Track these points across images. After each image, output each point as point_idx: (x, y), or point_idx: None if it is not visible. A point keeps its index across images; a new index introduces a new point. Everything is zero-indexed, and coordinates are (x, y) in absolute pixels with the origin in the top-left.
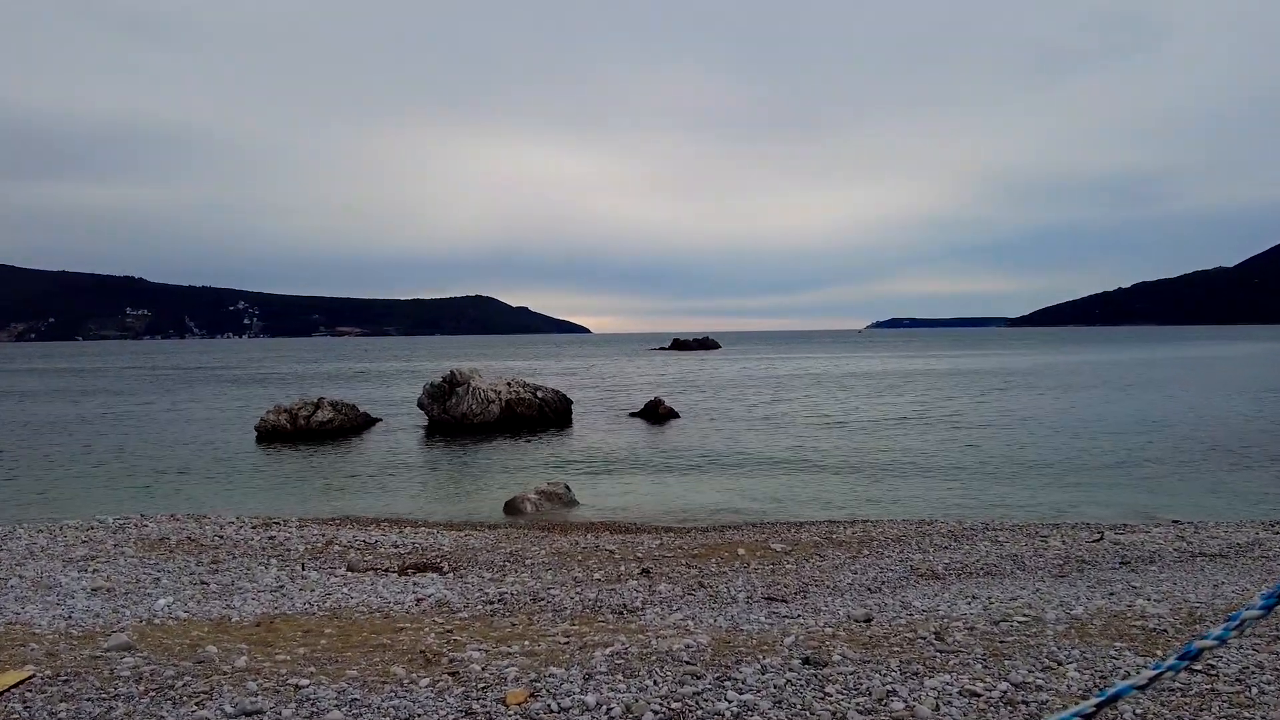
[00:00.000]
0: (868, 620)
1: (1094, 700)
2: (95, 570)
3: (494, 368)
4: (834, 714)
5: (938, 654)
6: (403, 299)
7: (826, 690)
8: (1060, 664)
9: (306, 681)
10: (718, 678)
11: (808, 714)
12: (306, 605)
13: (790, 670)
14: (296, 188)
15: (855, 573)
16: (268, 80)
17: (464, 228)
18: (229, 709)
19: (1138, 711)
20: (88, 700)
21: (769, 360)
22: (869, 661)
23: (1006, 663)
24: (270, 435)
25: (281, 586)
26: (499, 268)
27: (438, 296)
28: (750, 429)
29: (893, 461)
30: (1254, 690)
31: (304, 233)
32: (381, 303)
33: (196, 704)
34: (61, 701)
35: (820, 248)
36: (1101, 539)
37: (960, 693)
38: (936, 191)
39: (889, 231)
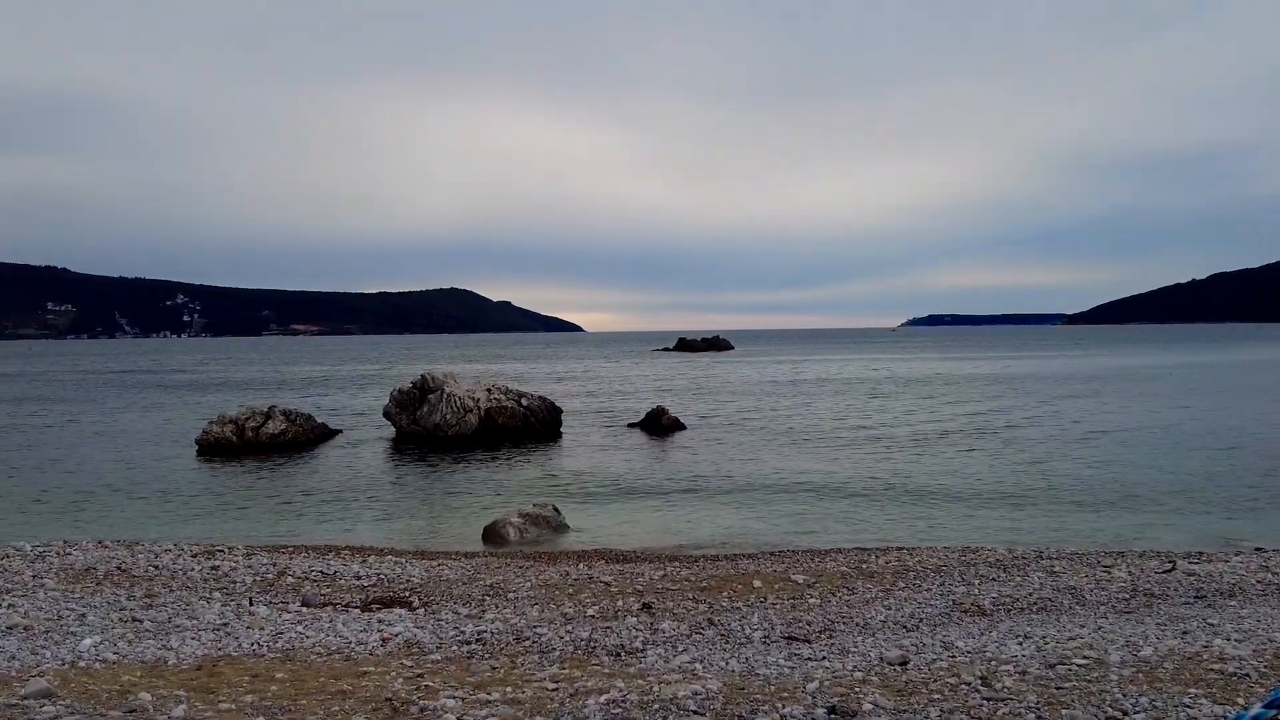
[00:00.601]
0: (903, 663)
1: None
2: (10, 606)
3: (472, 371)
4: None
5: (984, 702)
6: (368, 292)
7: None
8: (1126, 714)
9: None
10: None
11: None
12: (255, 646)
13: None
14: (246, 165)
15: (889, 608)
16: (213, 41)
17: (439, 211)
18: None
19: None
20: None
21: (789, 363)
22: (905, 711)
23: (1064, 712)
24: (213, 449)
25: (226, 624)
26: (478, 257)
27: (408, 290)
28: (768, 442)
29: (933, 480)
30: None
31: (254, 216)
32: (343, 297)
33: None
34: None
35: (848, 234)
36: (1173, 569)
37: None
38: (984, 170)
39: (928, 215)
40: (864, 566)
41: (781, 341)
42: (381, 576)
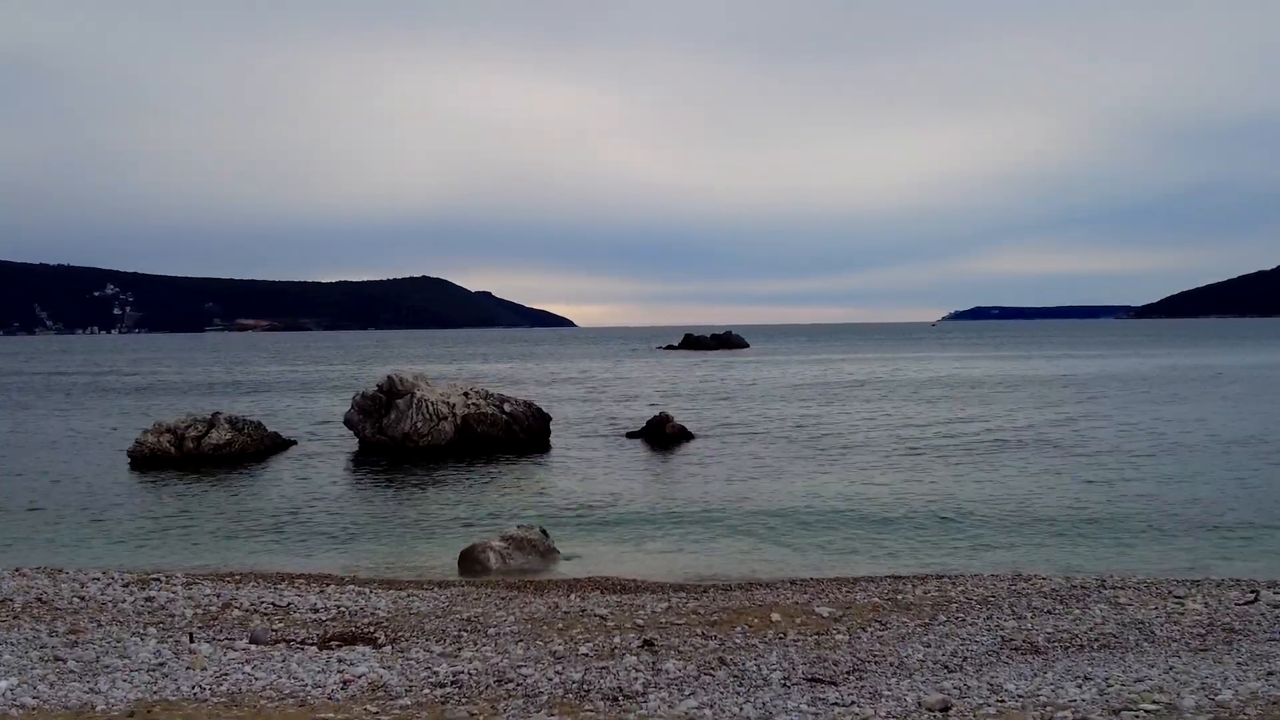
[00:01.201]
0: (945, 709)
1: None
2: None
3: (447, 373)
4: None
5: None
6: (326, 282)
7: None
8: None
9: None
10: None
11: None
12: (196, 689)
13: None
14: (188, 134)
15: (928, 645)
16: None
17: (408, 187)
18: None
19: None
20: None
21: (814, 363)
22: None
23: None
24: (149, 462)
25: (163, 664)
26: (454, 240)
27: (373, 278)
28: (789, 455)
29: (979, 498)
30: None
31: (195, 193)
32: (298, 287)
33: None
34: None
35: (881, 212)
36: (1256, 600)
37: None
38: (1038, 137)
39: (973, 191)
40: (899, 597)
41: (804, 338)
42: (342, 609)
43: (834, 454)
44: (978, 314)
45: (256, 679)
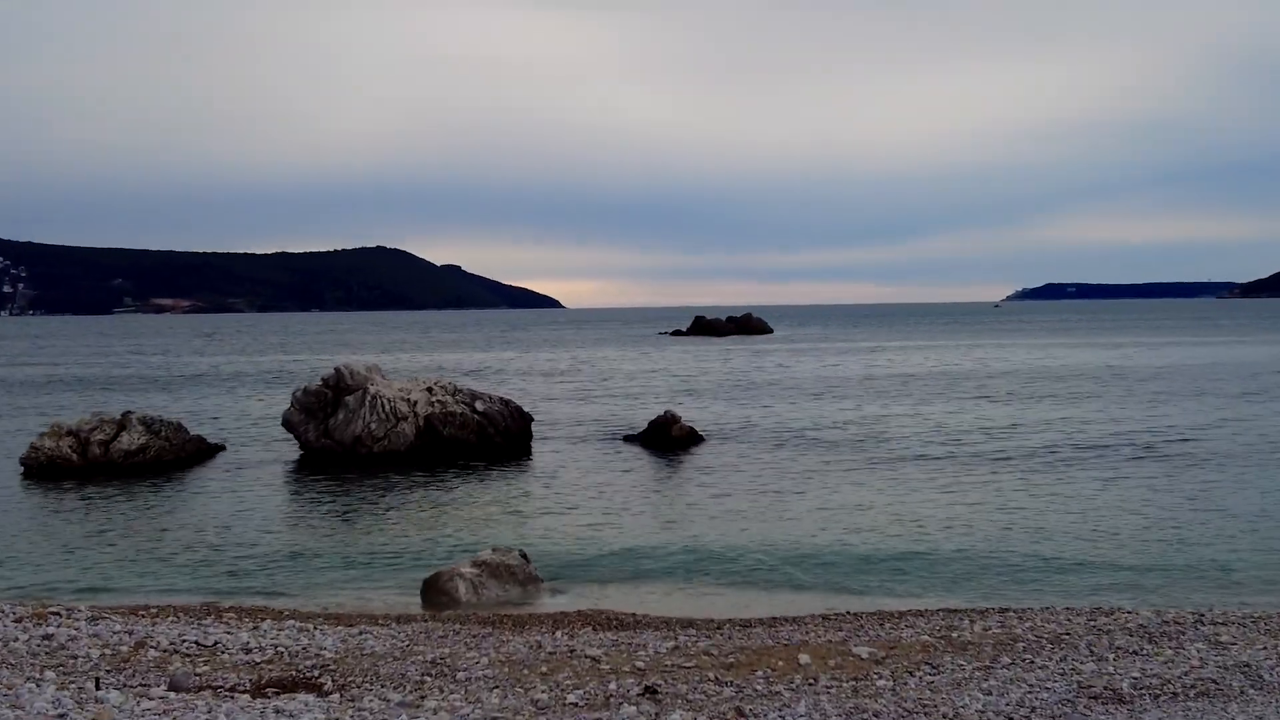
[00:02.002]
0: None
1: None
2: None
3: (407, 364)
4: None
5: None
6: (261, 254)
7: None
8: None
9: None
10: None
11: None
12: None
13: None
14: (88, 74)
15: (988, 693)
16: None
17: (362, 140)
18: None
19: None
20: None
21: (851, 352)
22: None
23: None
24: (46, 471)
25: (63, 716)
26: (416, 204)
27: (318, 249)
28: (822, 463)
29: (1052, 515)
30: None
31: (101, 146)
32: (227, 260)
33: None
34: None
35: (933, 170)
36: None
37: None
38: (1125, 77)
39: (1046, 142)
40: (954, 635)
41: (840, 322)
42: (281, 649)
43: (878, 463)
44: (1050, 292)
45: None
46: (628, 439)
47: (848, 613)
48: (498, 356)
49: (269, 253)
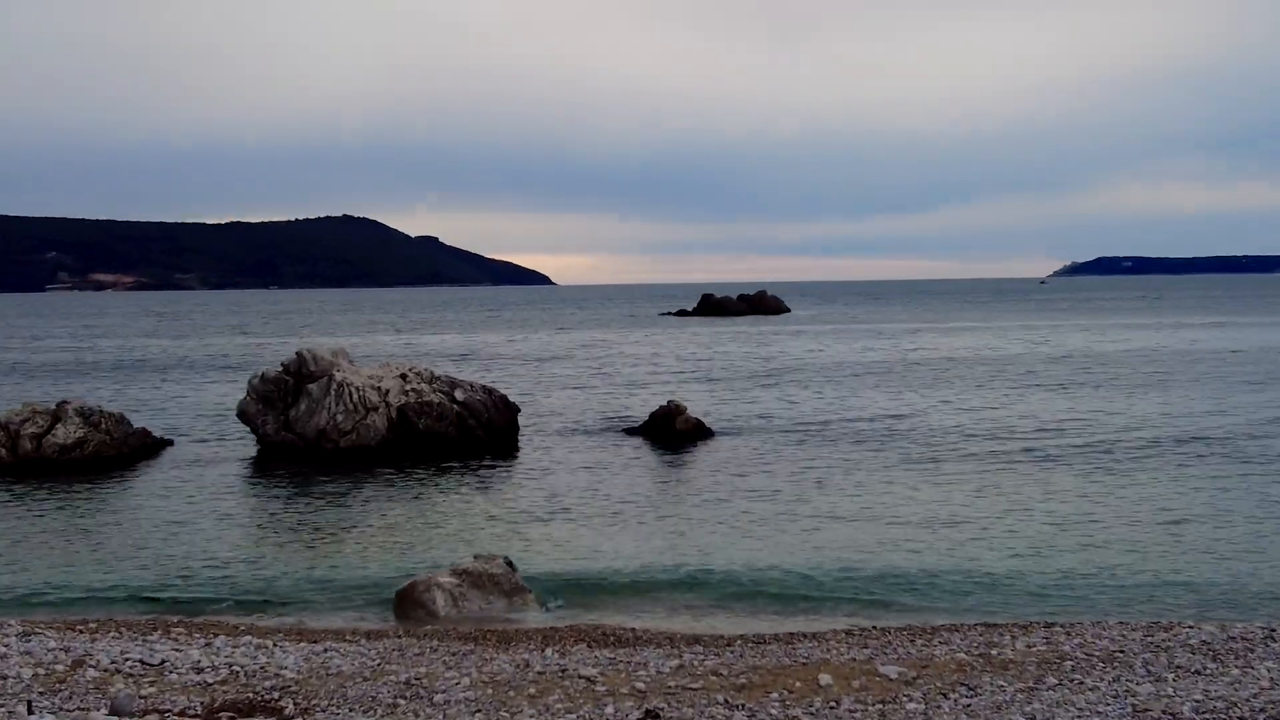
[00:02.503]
0: None
1: None
2: None
3: (377, 348)
4: None
5: None
6: (212, 224)
7: None
8: None
9: None
10: None
11: None
12: None
13: None
14: (11, 22)
15: (1032, 718)
16: None
17: (327, 97)
18: None
19: None
20: None
21: (881, 334)
22: None
23: None
24: None
25: None
26: (387, 168)
27: (276, 219)
28: (846, 460)
29: (1104, 516)
30: None
31: (31, 105)
32: (175, 231)
33: None
34: None
35: (971, 127)
36: None
37: None
38: (1197, 24)
39: (1103, 97)
40: (993, 653)
41: (867, 300)
42: (236, 668)
43: (910, 460)
44: (1103, 266)
45: None
46: (627, 432)
47: (874, 628)
48: (480, 339)
49: (222, 222)
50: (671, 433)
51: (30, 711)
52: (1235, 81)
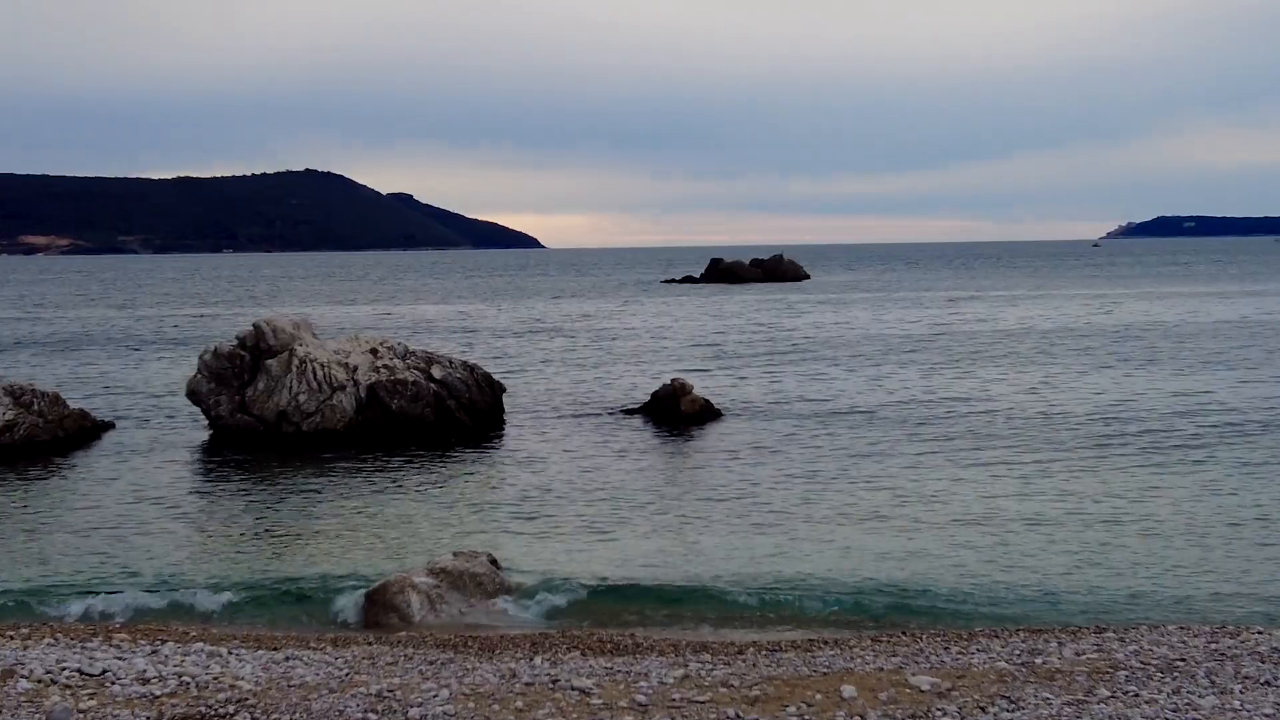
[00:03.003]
0: None
1: None
2: None
3: (345, 320)
4: None
5: None
6: (159, 179)
7: None
8: None
9: None
10: None
11: None
12: None
13: None
14: None
15: None
16: None
17: (287, 38)
18: None
19: None
20: None
21: (915, 303)
22: None
23: None
24: None
25: None
26: (355, 117)
27: (232, 174)
28: (873, 446)
29: (1167, 509)
30: None
31: None
32: (116, 187)
33: None
34: None
35: (1014, 72)
36: None
37: None
38: None
39: (1163, 32)
40: (1038, 661)
41: (899, 264)
42: (186, 678)
43: (946, 446)
44: (1163, 227)
45: None
46: (626, 414)
47: (903, 633)
48: (461, 310)
49: (169, 178)
50: (676, 414)
51: None
52: None
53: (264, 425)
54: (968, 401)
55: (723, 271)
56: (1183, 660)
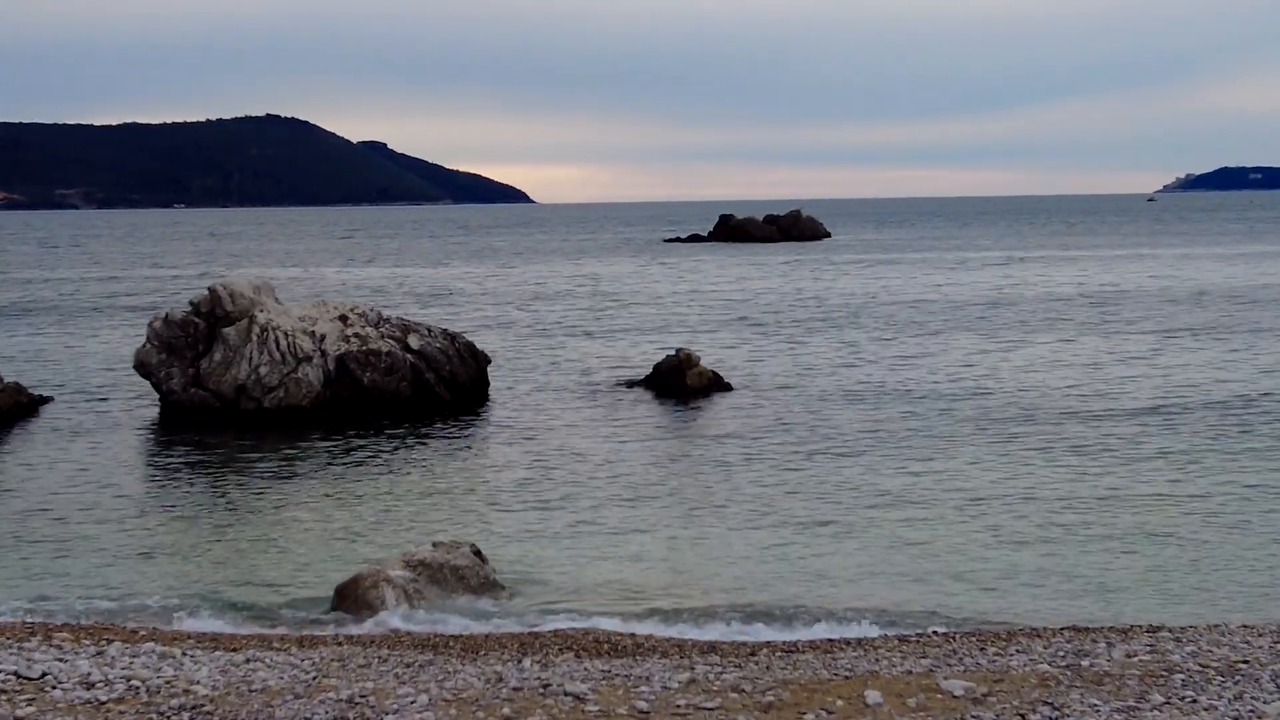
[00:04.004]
0: None
1: None
2: None
3: (311, 282)
4: None
5: None
6: (103, 126)
7: None
8: None
9: None
10: None
11: None
12: None
13: None
14: None
15: None
16: None
17: None
18: None
19: None
20: None
21: (950, 265)
22: None
23: None
24: None
25: None
26: (322, 57)
27: (184, 120)
28: (899, 424)
29: (1226, 497)
30: None
31: None
32: (53, 136)
33: None
34: None
35: (1060, 10)
36: None
37: None
38: None
39: None
40: (1084, 664)
41: (933, 221)
42: (136, 682)
43: (983, 425)
44: (1225, 179)
45: None
46: (627, 384)
47: (934, 633)
48: (441, 273)
49: (114, 124)
50: (681, 389)
51: None
52: None
53: (221, 401)
54: (1010, 375)
55: (733, 229)
56: (1245, 662)
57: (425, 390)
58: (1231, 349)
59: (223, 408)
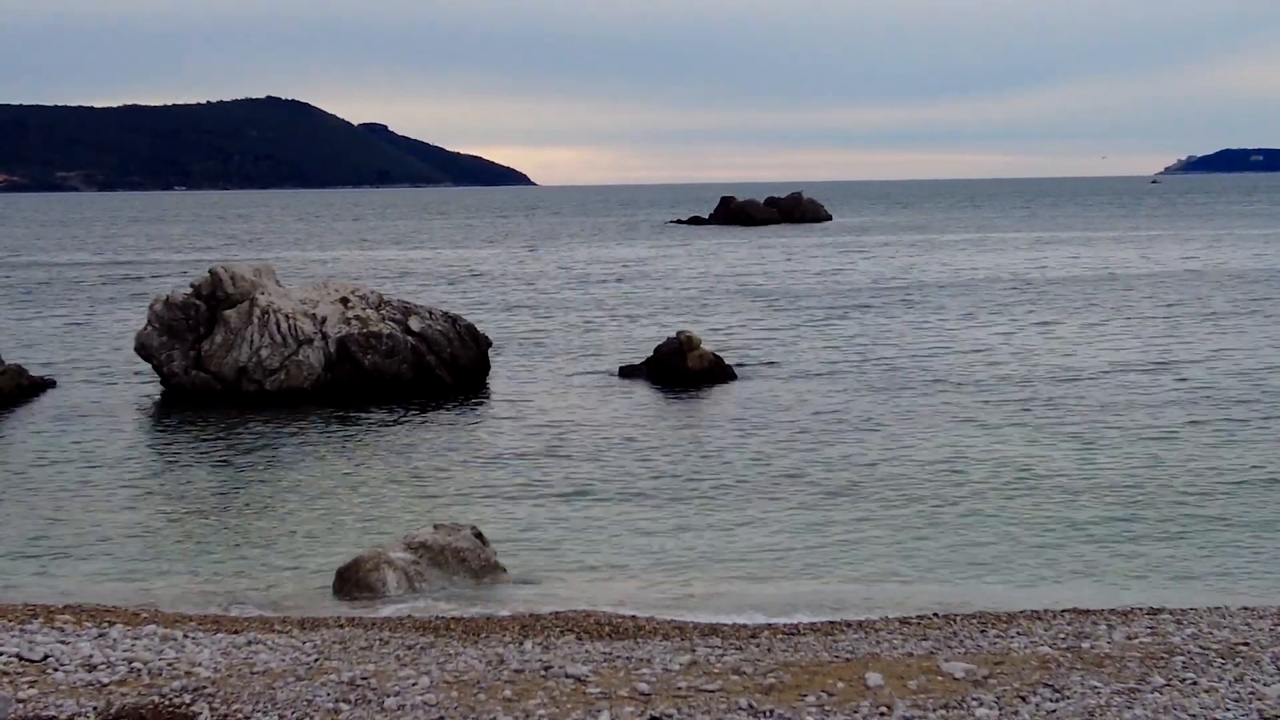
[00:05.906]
0: None
1: None
2: None
3: (314, 265)
4: None
5: None
6: (103, 108)
7: None
8: None
9: None
10: None
11: None
12: None
13: None
14: None
15: None
16: None
17: None
18: None
19: None
20: None
21: (950, 246)
22: None
23: None
24: None
25: None
26: (323, 39)
27: (184, 102)
28: (903, 406)
29: (1233, 478)
30: None
31: None
32: (54, 117)
33: None
34: None
35: None
36: None
37: None
38: None
39: None
40: (1085, 646)
41: (935, 202)
42: (138, 664)
43: (985, 406)
44: (1227, 161)
45: None
46: (625, 372)
47: (935, 615)
48: (442, 256)
49: (114, 106)
50: (681, 372)
51: None
52: None
53: (222, 383)
54: (1008, 356)
55: (734, 211)
56: (1246, 644)
57: (426, 373)
58: (1234, 330)
59: (224, 390)
